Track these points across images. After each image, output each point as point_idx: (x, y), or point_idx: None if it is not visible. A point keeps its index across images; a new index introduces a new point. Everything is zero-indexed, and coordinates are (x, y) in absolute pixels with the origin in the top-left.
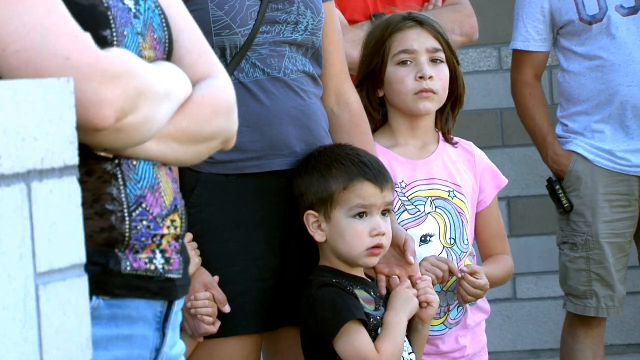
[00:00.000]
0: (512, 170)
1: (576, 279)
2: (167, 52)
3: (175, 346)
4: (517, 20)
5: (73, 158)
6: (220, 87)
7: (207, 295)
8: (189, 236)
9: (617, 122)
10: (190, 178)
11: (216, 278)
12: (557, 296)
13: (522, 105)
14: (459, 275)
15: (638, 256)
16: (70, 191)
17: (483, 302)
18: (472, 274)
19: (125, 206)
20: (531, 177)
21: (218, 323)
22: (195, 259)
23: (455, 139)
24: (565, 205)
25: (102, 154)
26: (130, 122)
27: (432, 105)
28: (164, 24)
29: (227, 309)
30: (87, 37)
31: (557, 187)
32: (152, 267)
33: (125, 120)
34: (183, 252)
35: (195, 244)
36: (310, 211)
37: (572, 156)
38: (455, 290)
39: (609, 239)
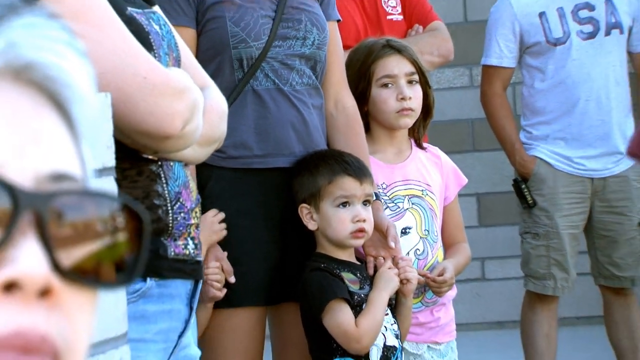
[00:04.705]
0: (481, 171)
1: (537, 263)
2: (179, 67)
3: (191, 346)
4: (490, 40)
5: (111, 161)
6: (217, 96)
7: (217, 265)
8: (213, 212)
9: (575, 132)
10: (204, 173)
11: (226, 253)
12: (519, 277)
13: (493, 115)
14: (422, 280)
15: (587, 244)
16: (109, 189)
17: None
18: (440, 274)
19: (168, 201)
20: (497, 177)
21: (224, 290)
22: (215, 235)
23: (425, 144)
24: (530, 201)
25: (150, 156)
26: (188, 130)
27: (410, 121)
28: (176, 44)
29: (232, 279)
30: (154, 58)
31: (523, 186)
32: (187, 252)
33: (186, 129)
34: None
35: (220, 218)
36: (304, 204)
37: (536, 161)
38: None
39: (566, 230)
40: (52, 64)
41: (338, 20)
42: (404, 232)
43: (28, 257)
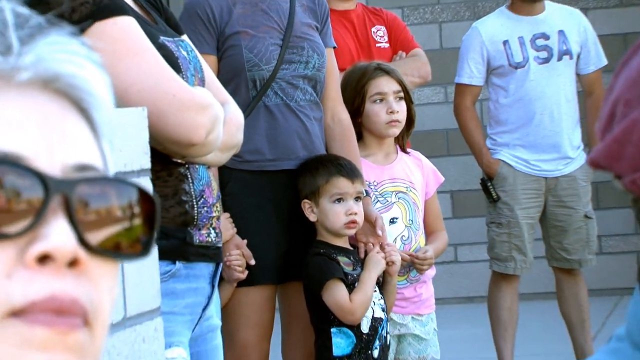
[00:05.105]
0: (454, 172)
1: (500, 248)
2: (203, 86)
3: (213, 318)
4: (462, 62)
5: (147, 164)
6: (235, 110)
7: (238, 252)
8: (226, 214)
9: (531, 140)
10: (225, 174)
11: (245, 241)
12: (485, 260)
13: (464, 125)
14: (407, 257)
15: (542, 232)
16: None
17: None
18: (422, 254)
19: (193, 197)
20: (468, 176)
21: (246, 272)
22: (230, 230)
23: (408, 149)
24: (495, 197)
25: (179, 160)
26: (210, 139)
27: (397, 130)
28: (201, 67)
29: (252, 262)
30: (182, 79)
31: (489, 184)
32: (210, 239)
33: (209, 138)
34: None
35: (231, 220)
36: (306, 200)
37: (500, 163)
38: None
39: (524, 220)
40: (74, 74)
41: (334, 47)
42: (392, 221)
43: (58, 234)
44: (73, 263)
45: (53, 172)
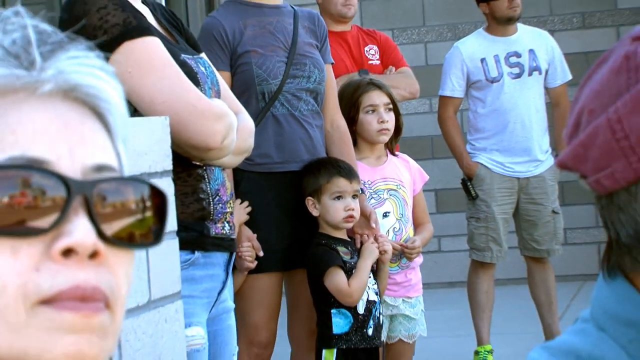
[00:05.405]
0: (438, 173)
1: (479, 239)
2: (219, 98)
3: (228, 301)
4: (445, 77)
5: (169, 166)
6: (247, 119)
7: (249, 244)
8: (244, 204)
9: (506, 145)
10: (238, 175)
11: (255, 235)
12: (465, 249)
13: (447, 132)
14: (398, 247)
15: (515, 226)
16: (167, 187)
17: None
18: (411, 244)
19: (210, 195)
20: (450, 177)
21: (255, 262)
22: (243, 216)
23: (397, 153)
24: (474, 195)
25: (197, 163)
26: (225, 144)
27: (386, 137)
28: (217, 81)
29: (261, 253)
30: (200, 92)
31: (468, 184)
32: (224, 232)
33: (224, 143)
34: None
35: (244, 206)
36: (309, 198)
37: (478, 165)
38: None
39: (500, 215)
40: (90, 84)
41: (332, 63)
42: (385, 215)
43: (80, 230)
44: (94, 255)
45: (74, 173)
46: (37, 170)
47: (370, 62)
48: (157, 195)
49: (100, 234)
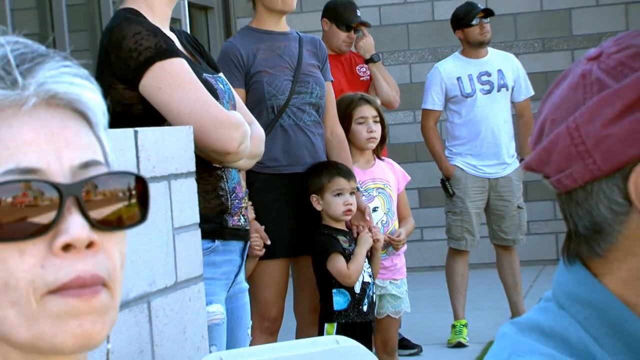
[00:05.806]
0: (421, 174)
1: (455, 230)
2: (235, 110)
3: (242, 282)
4: (427, 92)
5: (192, 168)
6: (259, 128)
7: (257, 235)
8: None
9: (478, 150)
10: (251, 176)
11: (263, 227)
12: (444, 239)
13: (428, 140)
14: (386, 238)
15: (486, 219)
16: (191, 185)
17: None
18: (397, 236)
19: (228, 193)
20: (431, 178)
21: (264, 250)
22: (252, 214)
23: (383, 157)
24: (451, 192)
25: (217, 165)
26: (241, 149)
27: (374, 145)
28: (233, 96)
29: (268, 242)
30: (220, 105)
31: (447, 183)
32: (240, 223)
33: (239, 148)
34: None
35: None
36: (313, 195)
37: (455, 168)
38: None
39: (473, 210)
40: (67, 91)
41: (331, 81)
42: (374, 210)
43: (75, 227)
44: (89, 245)
45: (63, 175)
46: (32, 181)
47: (361, 78)
48: (140, 183)
49: (93, 225)
